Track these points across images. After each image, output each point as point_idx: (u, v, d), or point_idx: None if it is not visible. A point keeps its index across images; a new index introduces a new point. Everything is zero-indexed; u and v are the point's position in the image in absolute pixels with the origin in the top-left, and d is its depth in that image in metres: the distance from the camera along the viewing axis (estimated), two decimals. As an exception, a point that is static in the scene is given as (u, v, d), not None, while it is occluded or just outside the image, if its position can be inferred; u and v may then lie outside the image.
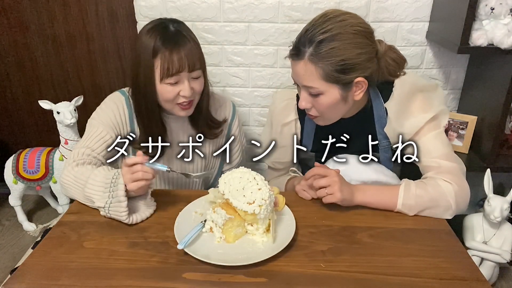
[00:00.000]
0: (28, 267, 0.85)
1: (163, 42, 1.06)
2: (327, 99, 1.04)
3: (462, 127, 1.64)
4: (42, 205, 2.22)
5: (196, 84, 1.14)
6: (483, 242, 1.51)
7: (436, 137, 1.08)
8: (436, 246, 0.91)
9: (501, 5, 1.33)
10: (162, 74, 1.08)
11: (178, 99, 1.13)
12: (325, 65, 0.99)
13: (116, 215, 0.97)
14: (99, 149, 1.14)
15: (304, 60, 1.01)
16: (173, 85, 1.10)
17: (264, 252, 0.86)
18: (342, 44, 0.98)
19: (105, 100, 1.22)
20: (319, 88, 1.02)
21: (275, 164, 1.32)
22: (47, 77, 1.98)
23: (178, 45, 1.07)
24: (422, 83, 1.12)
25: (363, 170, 1.11)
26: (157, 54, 1.07)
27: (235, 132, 1.38)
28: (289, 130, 1.24)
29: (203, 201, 1.04)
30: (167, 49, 1.06)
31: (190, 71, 1.10)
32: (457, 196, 1.01)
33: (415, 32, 1.63)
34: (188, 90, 1.10)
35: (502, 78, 1.46)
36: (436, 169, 1.05)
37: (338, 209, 1.03)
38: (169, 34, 1.08)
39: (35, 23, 1.86)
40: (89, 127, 1.18)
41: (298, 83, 1.08)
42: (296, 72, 1.05)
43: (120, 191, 0.95)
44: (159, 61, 1.07)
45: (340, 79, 1.01)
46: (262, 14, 1.62)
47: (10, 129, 2.13)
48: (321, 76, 1.00)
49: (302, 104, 1.08)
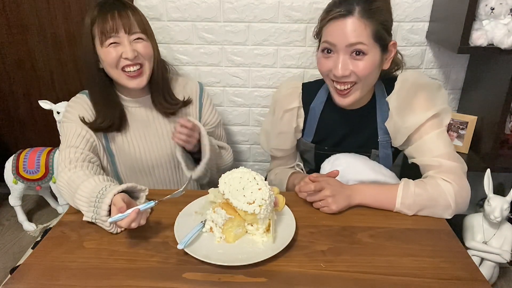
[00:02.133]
0: (28, 267, 0.85)
1: (99, 11, 1.13)
2: (370, 60, 1.04)
3: (462, 127, 1.64)
4: (42, 205, 2.22)
5: (140, 46, 1.16)
6: (483, 242, 1.51)
7: (438, 136, 1.08)
8: (436, 246, 0.91)
9: (501, 5, 1.33)
10: (101, 38, 1.12)
11: (121, 62, 1.14)
12: (374, 21, 1.01)
13: (104, 227, 0.95)
14: (82, 144, 1.16)
15: (354, 16, 1.01)
16: (114, 48, 1.13)
17: (264, 252, 0.86)
18: (384, 4, 1.05)
19: (68, 103, 1.25)
20: (368, 45, 1.02)
21: (274, 151, 1.32)
22: (47, 77, 1.98)
23: (112, 9, 1.12)
24: (425, 81, 1.12)
25: (362, 170, 1.11)
26: (95, 23, 1.12)
27: (206, 112, 1.38)
28: (290, 117, 1.24)
29: (203, 201, 1.04)
30: (102, 13, 1.12)
31: (128, 33, 1.13)
32: (457, 196, 1.01)
33: (415, 32, 1.63)
34: (130, 51, 1.13)
35: (502, 78, 1.46)
36: (436, 168, 1.05)
37: (338, 209, 1.03)
38: (105, 5, 1.14)
39: (35, 23, 1.86)
40: (64, 129, 1.20)
41: (341, 43, 1.02)
42: (343, 30, 1.02)
43: (102, 211, 0.93)
44: (96, 28, 1.12)
45: (384, 39, 1.04)
46: (262, 14, 1.62)
47: (10, 129, 2.13)
48: (371, 33, 1.02)
49: (340, 71, 1.03)
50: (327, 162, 1.17)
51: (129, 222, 0.87)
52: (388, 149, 1.20)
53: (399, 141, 1.13)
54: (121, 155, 1.28)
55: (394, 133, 1.12)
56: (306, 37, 1.65)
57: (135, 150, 1.28)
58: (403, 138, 1.11)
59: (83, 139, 1.17)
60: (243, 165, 1.42)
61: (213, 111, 1.40)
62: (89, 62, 1.17)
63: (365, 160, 1.15)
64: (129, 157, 1.28)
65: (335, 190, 1.01)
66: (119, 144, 1.27)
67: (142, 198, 1.03)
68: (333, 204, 1.00)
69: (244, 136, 1.87)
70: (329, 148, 1.22)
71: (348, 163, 1.12)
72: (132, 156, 1.28)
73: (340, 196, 1.01)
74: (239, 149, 1.91)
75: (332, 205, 1.00)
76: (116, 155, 1.28)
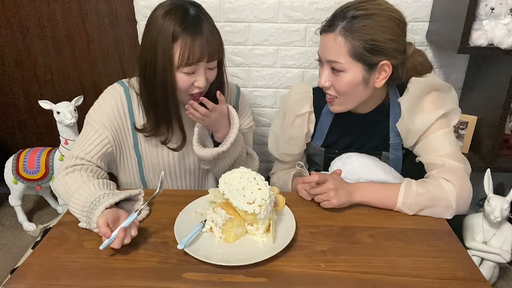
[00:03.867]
0: (28, 267, 0.85)
1: (185, 28, 0.99)
2: (349, 77, 1.03)
3: (462, 127, 1.64)
4: (42, 205, 2.22)
5: (211, 74, 1.08)
6: (483, 242, 1.51)
7: (444, 136, 1.08)
8: (436, 246, 0.91)
9: (501, 5, 1.33)
10: (180, 62, 1.01)
11: (192, 89, 1.07)
12: (355, 40, 0.99)
13: None
14: (94, 151, 1.09)
15: (334, 33, 1.01)
16: (189, 75, 1.04)
17: (264, 252, 0.86)
18: (375, 24, 0.99)
19: (102, 94, 1.17)
20: (344, 64, 1.01)
21: (283, 156, 1.31)
22: (47, 77, 1.98)
23: (200, 31, 1.00)
24: (438, 83, 1.12)
25: (373, 170, 1.11)
26: (177, 40, 0.99)
27: (241, 114, 1.30)
28: (301, 122, 1.23)
29: (203, 201, 1.04)
30: (189, 35, 0.99)
31: (208, 61, 1.04)
32: (459, 196, 1.01)
33: (415, 32, 1.63)
34: (204, 81, 1.05)
35: (502, 78, 1.46)
36: (440, 167, 1.05)
37: (338, 209, 1.03)
38: (189, 19, 1.00)
39: (35, 23, 1.86)
40: (86, 126, 1.14)
41: (323, 58, 1.06)
42: (324, 45, 1.04)
43: (93, 223, 0.91)
44: (178, 48, 1.00)
45: (366, 58, 1.01)
46: (262, 14, 1.62)
47: (10, 129, 2.13)
48: (348, 51, 1.00)
49: (321, 81, 1.07)
50: (338, 159, 1.16)
51: (119, 242, 0.85)
52: (399, 151, 1.19)
53: (411, 142, 1.12)
54: (149, 158, 1.21)
55: (405, 133, 1.12)
56: (306, 37, 1.65)
57: (163, 154, 1.21)
58: (414, 139, 1.11)
59: (97, 145, 1.10)
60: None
61: (248, 113, 1.33)
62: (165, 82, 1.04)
63: (377, 161, 1.15)
64: (157, 161, 1.22)
65: (338, 184, 1.02)
66: (149, 146, 1.20)
67: (140, 200, 1.03)
68: (334, 198, 1.00)
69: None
70: (339, 152, 1.21)
71: (360, 162, 1.12)
72: (160, 160, 1.22)
73: (342, 191, 1.01)
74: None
75: (334, 199, 1.00)
76: (143, 158, 1.21)
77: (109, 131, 1.12)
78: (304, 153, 1.33)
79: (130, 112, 1.16)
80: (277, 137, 1.31)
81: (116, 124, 1.14)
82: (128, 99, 1.15)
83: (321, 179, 1.02)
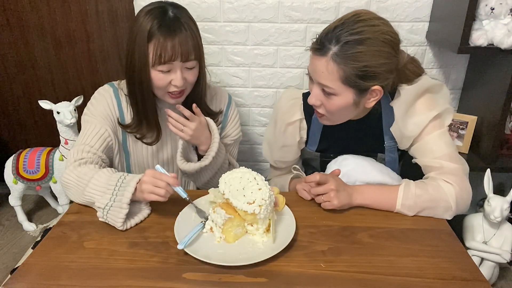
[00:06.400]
0: (28, 267, 0.85)
1: (159, 27, 1.04)
2: (340, 101, 1.02)
3: (462, 127, 1.64)
4: (42, 205, 2.22)
5: (190, 74, 1.11)
6: (483, 242, 1.51)
7: (439, 137, 1.07)
8: (436, 246, 0.91)
9: (501, 5, 1.33)
10: (154, 60, 1.05)
11: (169, 87, 1.11)
12: (347, 67, 0.96)
13: (113, 220, 0.96)
14: (97, 144, 1.13)
15: (326, 57, 0.97)
16: (165, 73, 1.08)
17: (264, 252, 0.86)
18: (369, 50, 0.95)
19: (94, 95, 1.22)
20: (335, 89, 1.00)
21: (278, 163, 1.31)
22: (47, 77, 1.98)
23: (173, 32, 1.04)
24: (429, 83, 1.11)
25: (369, 171, 1.10)
26: (152, 39, 1.04)
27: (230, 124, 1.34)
28: (293, 130, 1.23)
29: (203, 201, 1.04)
30: (162, 35, 1.03)
31: (183, 61, 1.07)
32: (458, 197, 1.01)
33: (415, 32, 1.63)
34: (180, 80, 1.08)
35: (502, 78, 1.46)
36: (438, 169, 1.05)
37: (338, 209, 1.03)
38: (166, 20, 1.05)
39: (35, 23, 1.86)
40: (84, 124, 1.18)
41: (314, 78, 1.04)
42: (315, 67, 1.01)
43: (125, 198, 0.95)
44: (152, 46, 1.05)
45: (358, 84, 0.98)
46: (262, 14, 1.62)
47: (10, 129, 2.13)
48: (340, 78, 0.98)
49: (312, 100, 1.06)
50: (334, 162, 1.16)
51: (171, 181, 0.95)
52: (394, 153, 1.19)
53: (406, 145, 1.12)
54: (135, 155, 1.26)
55: (400, 137, 1.12)
56: (306, 37, 1.65)
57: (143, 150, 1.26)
58: (409, 142, 1.10)
59: (99, 138, 1.14)
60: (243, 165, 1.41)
61: (237, 125, 1.35)
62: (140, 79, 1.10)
63: (373, 162, 1.14)
64: (141, 158, 1.26)
65: (339, 185, 1.02)
66: (133, 144, 1.24)
67: None
68: (335, 199, 1.00)
69: (245, 136, 1.87)
70: (334, 155, 1.20)
71: (356, 164, 1.12)
72: (145, 159, 1.26)
73: (343, 192, 1.01)
74: (239, 149, 1.91)
75: (334, 200, 1.00)
76: (131, 155, 1.26)
77: (108, 124, 1.17)
78: (300, 158, 1.33)
79: (120, 111, 1.20)
80: (271, 144, 1.31)
81: (111, 120, 1.19)
82: (117, 99, 1.20)
83: (322, 179, 1.02)
